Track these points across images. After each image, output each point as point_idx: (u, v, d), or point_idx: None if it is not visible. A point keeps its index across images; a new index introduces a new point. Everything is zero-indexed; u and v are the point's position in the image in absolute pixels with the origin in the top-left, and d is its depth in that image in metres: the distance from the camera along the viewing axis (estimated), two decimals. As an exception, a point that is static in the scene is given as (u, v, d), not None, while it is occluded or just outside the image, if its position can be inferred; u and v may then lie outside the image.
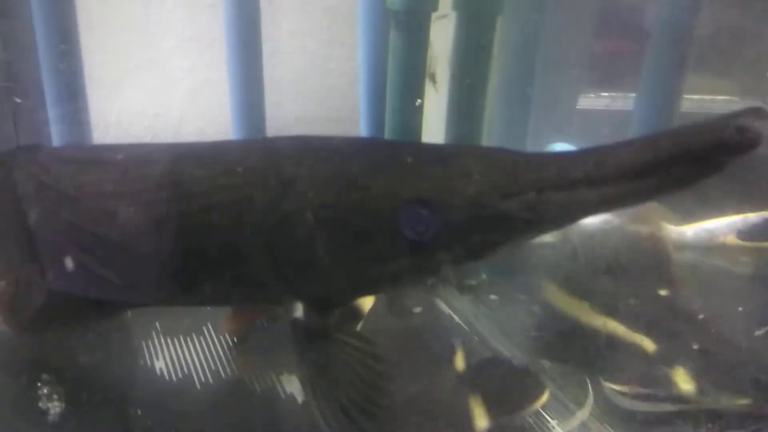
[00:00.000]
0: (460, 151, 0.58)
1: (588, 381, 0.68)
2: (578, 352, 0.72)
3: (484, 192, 0.46)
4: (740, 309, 0.74)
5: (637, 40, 1.34)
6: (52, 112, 0.95)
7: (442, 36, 0.85)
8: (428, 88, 0.86)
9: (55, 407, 0.66)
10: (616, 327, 0.68)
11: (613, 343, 0.68)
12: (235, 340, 0.75)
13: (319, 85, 1.37)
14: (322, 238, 0.49)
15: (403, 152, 0.54)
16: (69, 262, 0.62)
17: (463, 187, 0.47)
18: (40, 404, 0.66)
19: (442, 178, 0.48)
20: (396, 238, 0.48)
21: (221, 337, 0.77)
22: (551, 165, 0.46)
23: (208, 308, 0.83)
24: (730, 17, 1.15)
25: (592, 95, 1.39)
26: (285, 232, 0.50)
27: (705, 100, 1.18)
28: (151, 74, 1.25)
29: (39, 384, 0.68)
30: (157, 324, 0.79)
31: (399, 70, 0.82)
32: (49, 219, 0.63)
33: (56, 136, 0.95)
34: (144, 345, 0.76)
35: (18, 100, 0.98)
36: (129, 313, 0.82)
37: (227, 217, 0.52)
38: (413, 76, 0.82)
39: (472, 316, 0.82)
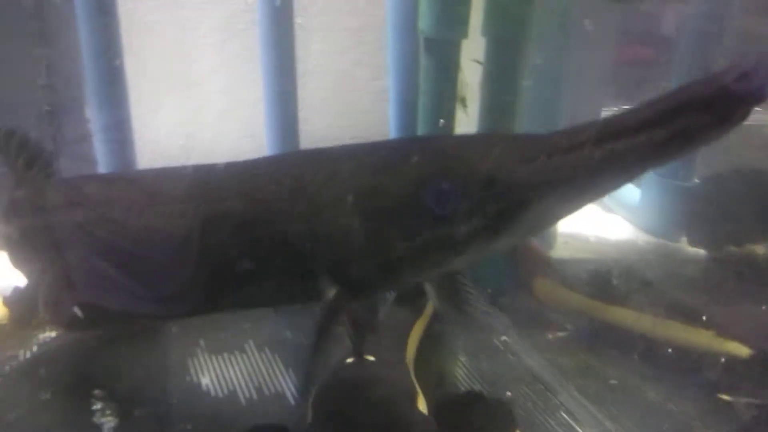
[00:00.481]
0: (482, 136, 0.66)
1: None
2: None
3: (500, 162, 0.50)
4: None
5: (654, 47, 1.35)
6: (98, 133, 0.99)
7: (469, 60, 0.87)
8: (459, 112, 0.89)
9: (108, 422, 0.69)
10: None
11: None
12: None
13: (345, 104, 1.40)
14: (360, 218, 0.54)
15: (430, 141, 0.62)
16: (107, 279, 0.66)
17: (481, 160, 0.51)
18: (95, 419, 0.70)
19: (463, 155, 0.53)
20: (422, 213, 0.52)
21: (262, 354, 0.81)
22: (562, 133, 0.49)
23: (248, 326, 0.86)
24: (756, 26, 1.15)
25: (615, 109, 1.40)
26: (330, 215, 0.55)
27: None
28: (186, 95, 1.29)
29: (93, 400, 0.72)
30: (201, 342, 0.82)
31: (430, 95, 0.85)
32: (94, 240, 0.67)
33: (101, 157, 0.99)
34: (190, 362, 0.79)
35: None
36: (173, 329, 0.86)
37: (282, 208, 0.57)
38: (444, 100, 0.84)
39: (505, 333, 0.84)
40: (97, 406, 0.71)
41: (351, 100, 1.39)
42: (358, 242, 0.54)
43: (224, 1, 1.26)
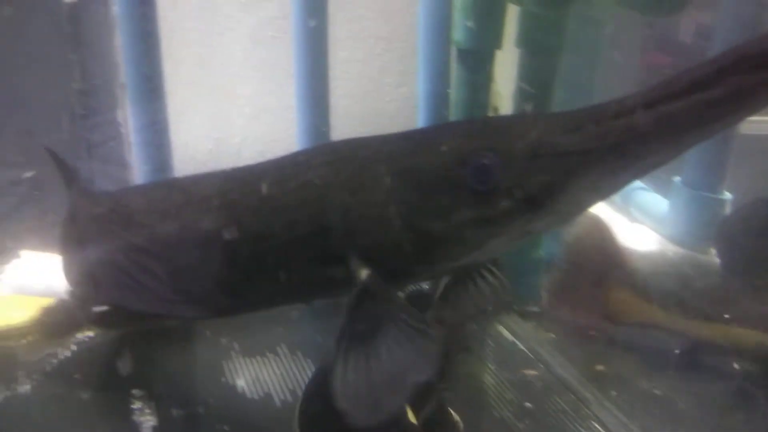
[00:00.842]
0: (523, 114, 0.62)
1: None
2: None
3: (544, 132, 0.48)
4: None
5: (673, 54, 1.35)
6: (136, 135, 1.00)
7: (505, 71, 0.88)
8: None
9: (148, 421, 0.71)
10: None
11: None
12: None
13: (370, 110, 1.42)
14: (396, 199, 0.53)
15: (466, 122, 0.60)
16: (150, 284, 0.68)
17: (523, 132, 0.49)
18: (134, 418, 0.71)
19: (503, 130, 0.51)
20: (461, 189, 0.50)
21: (295, 358, 0.82)
22: (610, 101, 0.46)
23: (280, 330, 0.88)
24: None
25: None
26: (365, 198, 0.54)
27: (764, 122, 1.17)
28: (216, 100, 1.32)
29: (132, 399, 0.74)
30: (234, 345, 0.84)
31: (463, 105, 0.86)
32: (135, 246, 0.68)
33: (139, 160, 1.01)
34: (224, 365, 0.80)
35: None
36: (207, 332, 0.87)
37: (317, 193, 0.57)
38: (477, 111, 0.85)
39: (535, 342, 0.84)
40: (137, 405, 0.73)
41: (377, 107, 1.41)
42: (394, 224, 0.53)
43: (256, 9, 1.29)
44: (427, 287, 0.84)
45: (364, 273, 0.54)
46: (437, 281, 0.79)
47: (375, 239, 0.54)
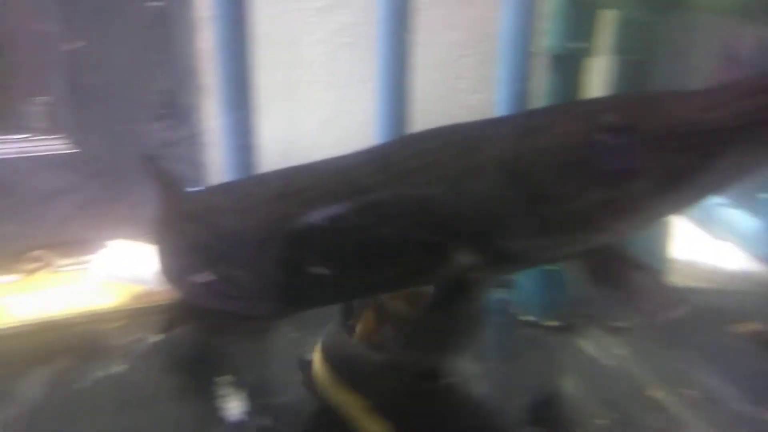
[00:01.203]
0: (659, 90, 0.58)
1: None
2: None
3: (684, 110, 0.45)
4: None
5: (733, 67, 1.30)
6: (223, 138, 1.03)
7: (595, 78, 0.87)
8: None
9: (235, 408, 0.73)
10: None
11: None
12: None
13: (442, 116, 1.42)
14: (516, 183, 0.50)
15: (595, 98, 0.57)
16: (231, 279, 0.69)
17: (660, 109, 0.46)
18: (222, 404, 0.73)
19: (639, 106, 0.48)
20: (591, 170, 0.47)
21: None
22: (738, 79, 0.44)
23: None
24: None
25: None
26: (470, 186, 0.52)
27: None
28: (290, 104, 1.35)
29: (219, 387, 0.76)
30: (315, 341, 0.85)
31: (552, 111, 0.85)
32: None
33: (225, 162, 1.03)
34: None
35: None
36: (287, 328, 0.89)
37: (421, 181, 0.55)
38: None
39: (624, 359, 0.82)
40: (223, 391, 0.75)
41: (450, 113, 1.41)
42: (513, 210, 0.51)
43: (332, 15, 1.31)
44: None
45: (467, 264, 0.53)
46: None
47: (490, 226, 0.52)
